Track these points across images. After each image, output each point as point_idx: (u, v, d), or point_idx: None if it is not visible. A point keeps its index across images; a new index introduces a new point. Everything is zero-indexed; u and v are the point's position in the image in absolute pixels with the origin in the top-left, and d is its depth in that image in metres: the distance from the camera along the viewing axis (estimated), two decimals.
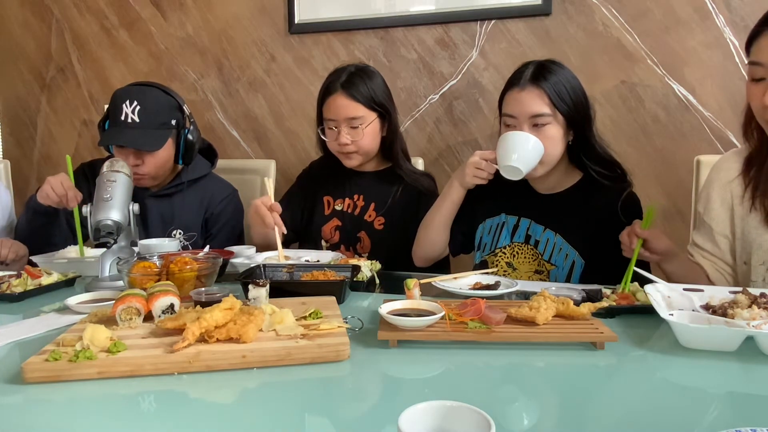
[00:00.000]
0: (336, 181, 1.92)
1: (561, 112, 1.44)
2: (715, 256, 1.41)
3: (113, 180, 1.39)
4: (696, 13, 2.02)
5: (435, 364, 0.90)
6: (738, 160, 1.40)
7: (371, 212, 1.85)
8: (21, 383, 0.81)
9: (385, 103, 1.80)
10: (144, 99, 1.72)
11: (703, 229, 1.44)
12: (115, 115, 1.72)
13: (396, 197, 1.85)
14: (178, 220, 1.86)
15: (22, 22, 2.81)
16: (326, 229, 1.89)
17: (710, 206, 1.42)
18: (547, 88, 1.43)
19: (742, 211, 1.36)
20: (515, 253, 1.59)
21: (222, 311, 0.90)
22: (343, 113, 1.75)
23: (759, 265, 1.33)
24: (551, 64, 1.50)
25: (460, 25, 2.25)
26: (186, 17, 2.59)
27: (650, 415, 0.72)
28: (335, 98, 1.76)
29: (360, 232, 1.85)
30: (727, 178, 1.40)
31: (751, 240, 1.34)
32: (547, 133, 1.45)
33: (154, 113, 1.73)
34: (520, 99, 1.45)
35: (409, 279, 1.13)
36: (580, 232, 1.52)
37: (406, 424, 0.54)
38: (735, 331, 0.91)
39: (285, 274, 1.32)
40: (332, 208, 1.91)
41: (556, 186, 1.57)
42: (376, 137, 1.82)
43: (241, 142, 2.59)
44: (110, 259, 1.38)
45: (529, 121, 1.45)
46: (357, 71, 1.79)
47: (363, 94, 1.75)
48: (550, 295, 1.05)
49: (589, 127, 1.50)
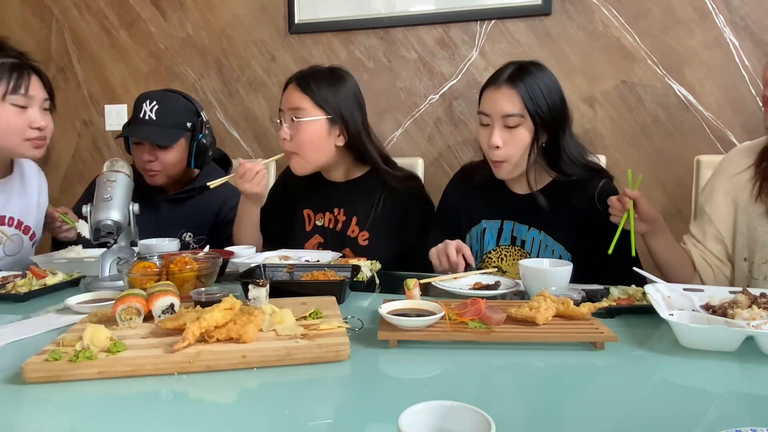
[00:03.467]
0: (314, 192, 1.80)
1: (531, 114, 1.45)
2: (703, 246, 1.41)
3: (113, 180, 1.39)
4: (696, 13, 2.02)
5: (435, 364, 0.90)
6: (748, 155, 1.39)
7: (354, 227, 1.74)
8: (21, 383, 0.81)
9: (340, 109, 1.66)
10: (163, 100, 1.85)
11: (700, 219, 1.44)
12: (135, 113, 1.86)
13: (378, 208, 1.72)
14: (189, 224, 1.92)
15: (22, 22, 2.82)
16: (308, 246, 1.78)
17: (713, 197, 1.41)
18: (521, 89, 1.45)
19: (748, 204, 1.36)
20: (503, 256, 1.60)
21: (222, 311, 0.90)
22: (288, 102, 1.67)
23: (762, 263, 1.32)
24: (531, 65, 1.51)
25: (460, 25, 2.25)
26: (186, 17, 2.59)
27: (650, 415, 0.72)
28: (288, 89, 1.69)
29: (344, 249, 1.72)
30: (734, 171, 1.40)
31: (756, 237, 1.33)
32: (516, 134, 1.47)
33: (171, 113, 1.85)
34: (494, 98, 1.48)
35: (409, 279, 1.12)
36: (562, 226, 1.54)
37: (406, 424, 0.54)
38: (735, 331, 0.91)
39: (285, 274, 1.32)
40: (313, 223, 1.80)
41: (536, 185, 1.58)
42: (319, 140, 1.67)
43: (241, 142, 2.59)
44: (110, 259, 1.38)
45: (501, 120, 1.47)
46: (322, 70, 1.71)
47: (314, 90, 1.65)
48: (550, 295, 1.05)
49: (563, 130, 1.50)
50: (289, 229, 1.83)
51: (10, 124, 1.52)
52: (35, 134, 1.56)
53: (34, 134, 1.56)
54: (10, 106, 1.51)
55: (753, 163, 1.36)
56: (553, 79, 1.51)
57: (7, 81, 1.50)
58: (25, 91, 1.53)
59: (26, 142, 1.55)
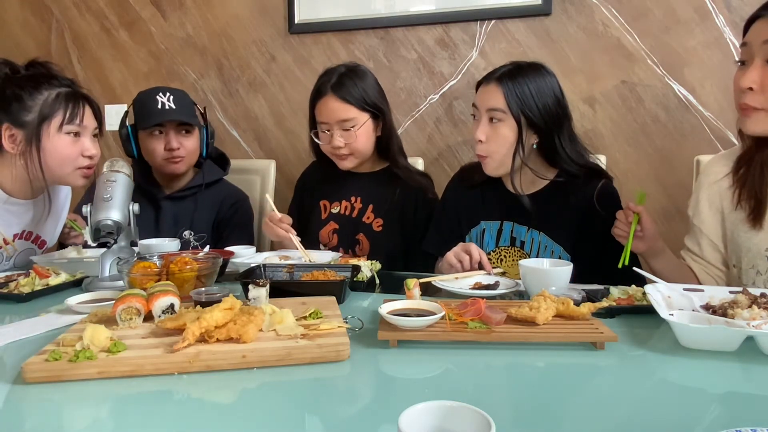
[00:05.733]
0: (332, 184, 1.91)
1: (514, 114, 1.47)
2: (703, 260, 1.41)
3: (113, 180, 1.39)
4: (696, 13, 2.02)
5: (435, 364, 0.90)
6: (726, 163, 1.39)
7: (369, 214, 1.84)
8: (21, 383, 0.81)
9: (377, 103, 1.78)
10: (174, 92, 1.88)
11: (692, 232, 1.45)
12: (149, 106, 1.84)
13: (395, 198, 1.82)
14: (189, 222, 1.95)
15: (22, 22, 2.81)
16: (323, 233, 1.87)
17: (699, 208, 1.42)
18: (506, 87, 1.48)
19: (730, 212, 1.36)
20: (502, 257, 1.60)
21: (222, 311, 0.90)
22: (334, 116, 1.74)
23: (749, 269, 1.32)
24: (529, 66, 1.53)
25: (460, 25, 2.25)
26: (186, 17, 2.59)
27: (650, 415, 0.72)
28: (326, 101, 1.74)
29: (358, 235, 1.83)
30: (713, 179, 1.40)
31: (740, 243, 1.33)
32: (498, 130, 1.50)
33: (186, 103, 1.91)
34: (482, 93, 1.54)
35: (409, 279, 1.13)
36: (562, 227, 1.54)
37: (406, 424, 0.54)
38: (735, 331, 0.91)
39: (285, 274, 1.32)
40: (329, 211, 1.89)
41: (532, 186, 1.58)
42: (369, 138, 1.80)
43: (241, 142, 2.59)
44: (110, 259, 1.38)
45: (486, 114, 1.51)
46: (347, 72, 1.77)
47: (354, 95, 1.73)
48: (550, 295, 1.05)
49: (559, 132, 1.51)
50: (305, 221, 1.92)
51: (65, 153, 1.54)
52: (86, 162, 1.58)
53: (86, 162, 1.58)
54: (65, 135, 1.53)
55: (731, 171, 1.36)
56: (550, 82, 1.52)
57: (64, 111, 1.51)
58: (80, 121, 1.55)
59: (77, 171, 1.57)
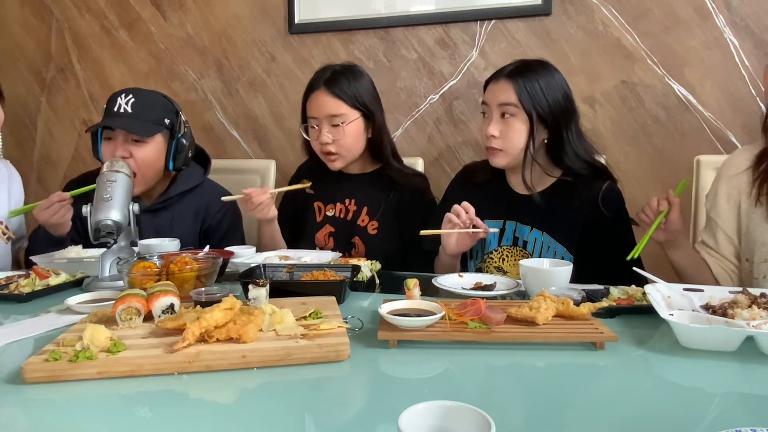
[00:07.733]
0: (325, 185, 1.87)
1: (526, 108, 1.48)
2: (718, 253, 1.41)
3: (113, 180, 1.39)
4: (696, 13, 2.02)
5: (435, 364, 0.90)
6: (747, 156, 1.39)
7: (364, 217, 1.82)
8: (21, 383, 0.81)
9: (369, 104, 1.77)
10: (139, 94, 1.74)
11: (708, 226, 1.45)
12: (108, 107, 1.73)
13: (389, 200, 1.81)
14: (173, 233, 1.76)
15: (22, 22, 2.81)
16: (319, 236, 1.86)
17: (717, 201, 1.42)
18: (517, 83, 1.49)
19: (748, 206, 1.36)
20: (504, 257, 1.59)
21: (222, 311, 0.90)
22: (323, 110, 1.72)
23: (762, 263, 1.32)
24: (537, 63, 1.55)
25: (460, 25, 2.25)
26: (186, 17, 2.59)
27: (650, 415, 0.72)
28: (317, 95, 1.73)
29: (354, 238, 1.82)
30: (733, 173, 1.40)
31: (755, 237, 1.33)
32: (512, 125, 1.50)
33: (148, 108, 1.73)
34: (492, 89, 1.55)
35: (409, 279, 1.12)
36: (565, 227, 1.54)
37: (406, 424, 0.54)
38: (735, 331, 0.91)
39: (285, 274, 1.32)
40: (324, 214, 1.87)
41: (537, 185, 1.58)
42: (358, 138, 1.78)
43: (241, 142, 2.59)
44: (110, 259, 1.38)
45: (498, 110, 1.52)
46: (342, 69, 1.77)
47: (345, 91, 1.72)
48: (550, 295, 1.05)
49: (567, 127, 1.52)
50: (301, 222, 1.90)
51: None
52: None
53: None
54: None
55: (752, 165, 1.36)
56: (558, 78, 1.54)
57: None
58: None
59: None
